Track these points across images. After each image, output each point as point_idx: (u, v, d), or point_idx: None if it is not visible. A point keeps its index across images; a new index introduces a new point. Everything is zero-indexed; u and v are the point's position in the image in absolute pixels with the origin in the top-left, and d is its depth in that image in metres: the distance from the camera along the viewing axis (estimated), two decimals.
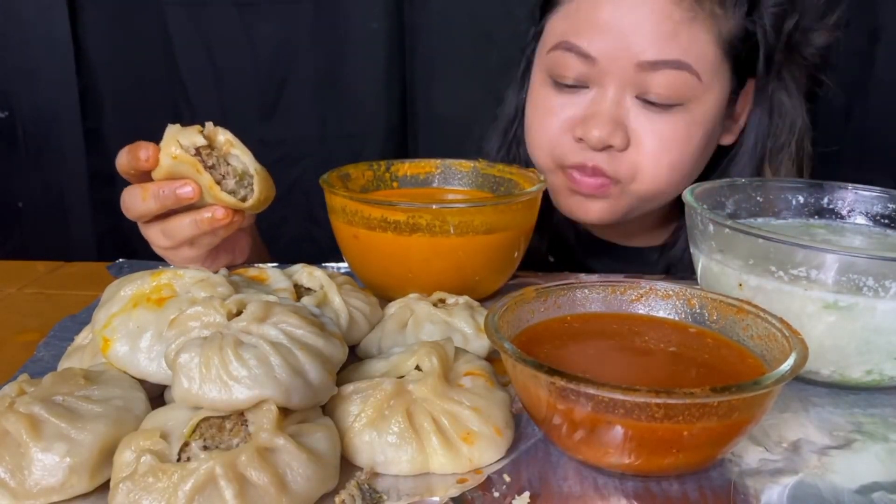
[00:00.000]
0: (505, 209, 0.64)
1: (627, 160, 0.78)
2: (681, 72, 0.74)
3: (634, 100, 0.77)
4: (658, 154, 0.77)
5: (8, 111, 1.38)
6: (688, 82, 0.75)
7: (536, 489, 0.42)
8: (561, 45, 0.78)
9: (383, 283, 0.67)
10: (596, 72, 0.76)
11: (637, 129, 0.77)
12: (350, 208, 0.64)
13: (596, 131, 0.76)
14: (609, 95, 0.77)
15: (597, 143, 0.76)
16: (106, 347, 0.47)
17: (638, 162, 0.78)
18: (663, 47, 0.74)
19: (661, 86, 0.75)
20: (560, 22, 0.80)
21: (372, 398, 0.45)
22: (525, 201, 0.65)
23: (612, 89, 0.76)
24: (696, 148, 0.78)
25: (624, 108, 0.77)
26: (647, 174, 0.78)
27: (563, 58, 0.78)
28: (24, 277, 0.76)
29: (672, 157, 0.78)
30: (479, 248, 0.63)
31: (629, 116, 0.77)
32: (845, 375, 0.54)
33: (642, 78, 0.75)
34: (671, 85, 0.75)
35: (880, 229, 0.67)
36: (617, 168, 0.78)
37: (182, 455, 0.39)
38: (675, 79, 0.74)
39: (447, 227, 0.61)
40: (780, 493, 0.43)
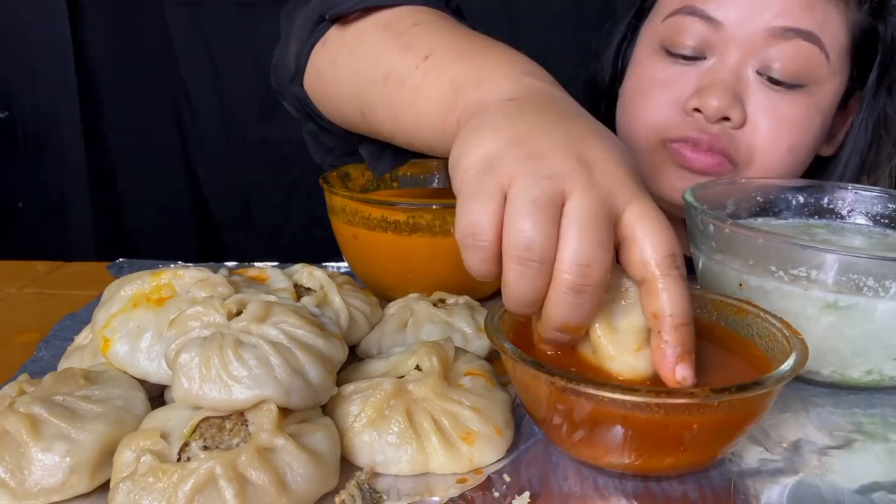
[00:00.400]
0: None
1: (745, 140, 0.71)
2: (812, 45, 0.69)
3: (756, 75, 0.71)
4: (777, 136, 0.71)
5: (8, 111, 1.38)
6: (816, 59, 0.70)
7: (536, 489, 0.42)
8: (683, 9, 0.72)
9: (383, 283, 0.67)
10: (719, 39, 0.71)
11: (756, 109, 0.71)
12: (350, 208, 0.64)
13: (714, 100, 0.69)
14: (730, 65, 0.71)
15: (714, 112, 0.70)
16: (106, 347, 0.47)
17: (754, 143, 0.71)
18: (798, 16, 0.69)
19: (789, 58, 0.69)
20: None
21: (372, 398, 0.45)
22: None
23: (733, 58, 0.71)
24: (813, 136, 0.73)
25: (745, 80, 0.71)
26: (764, 157, 0.72)
27: (683, 23, 0.72)
28: (24, 277, 0.76)
29: (791, 141, 0.72)
30: None
31: (748, 91, 0.71)
32: (845, 375, 0.54)
33: (769, 47, 0.70)
34: (799, 58, 0.69)
35: (880, 229, 0.67)
36: (736, 147, 0.72)
37: (182, 455, 0.39)
38: (805, 52, 0.69)
39: (447, 227, 0.61)
40: (780, 493, 0.43)
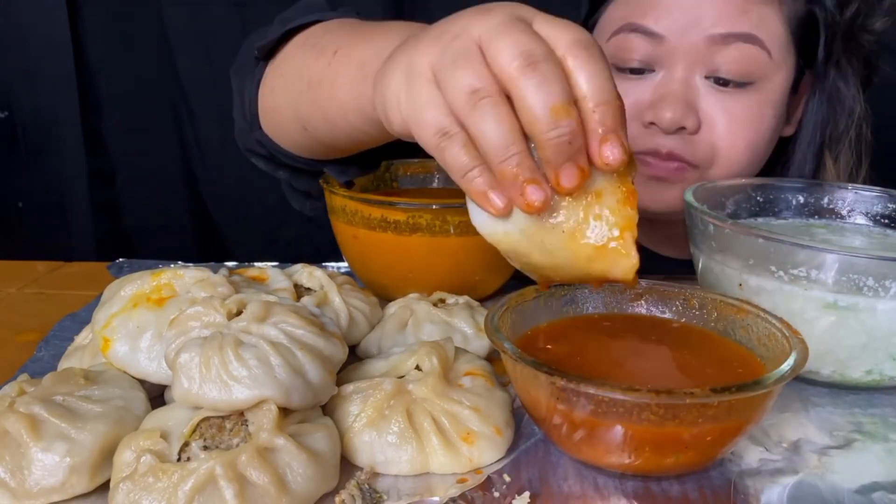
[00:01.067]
0: None
1: (703, 143, 0.75)
2: (752, 46, 0.72)
3: (704, 80, 0.74)
4: (733, 134, 0.74)
5: (8, 111, 1.38)
6: (759, 58, 0.73)
7: (536, 489, 0.42)
8: (624, 27, 0.75)
9: (383, 282, 0.67)
10: (663, 51, 0.74)
11: (708, 111, 0.74)
12: (350, 208, 0.64)
13: (668, 113, 0.72)
14: (678, 76, 0.74)
15: (669, 124, 0.73)
16: (106, 347, 0.47)
17: (713, 144, 0.75)
18: (735, 20, 0.72)
19: (733, 61, 0.72)
20: (619, 8, 0.77)
21: (372, 398, 0.45)
22: None
23: (680, 69, 0.74)
24: (768, 129, 0.76)
25: (694, 88, 0.74)
26: (725, 156, 0.75)
27: (627, 40, 0.75)
28: (24, 277, 0.76)
29: (748, 137, 0.75)
30: (479, 248, 0.63)
31: (699, 97, 0.74)
32: (845, 375, 0.54)
33: (712, 54, 0.72)
34: (742, 60, 0.72)
35: (880, 229, 0.67)
36: (694, 151, 0.75)
37: (182, 455, 0.39)
38: (747, 54, 0.72)
39: (447, 227, 0.61)
40: (780, 493, 0.43)
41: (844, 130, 0.80)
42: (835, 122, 0.80)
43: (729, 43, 0.72)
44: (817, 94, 0.79)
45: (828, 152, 0.80)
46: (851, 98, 0.79)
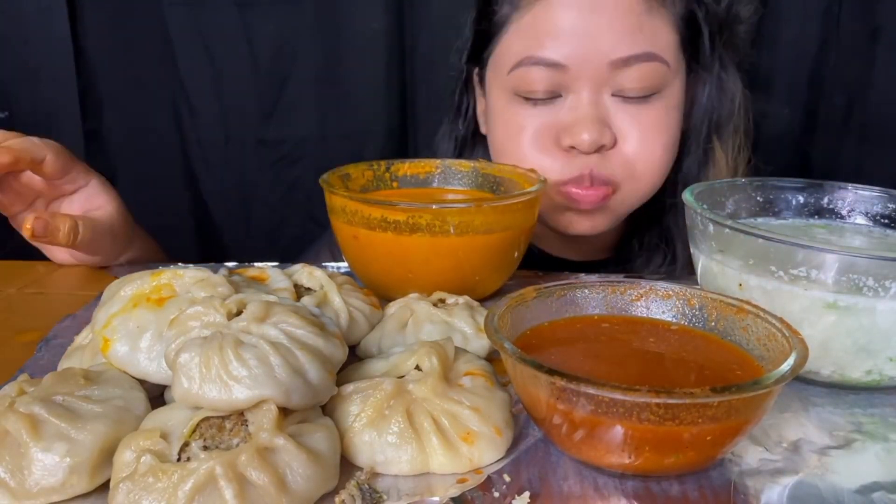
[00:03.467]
0: (505, 209, 0.64)
1: (620, 157, 0.78)
2: (653, 63, 0.76)
3: (611, 98, 0.77)
4: (648, 143, 0.78)
5: (8, 111, 1.38)
6: (659, 71, 0.76)
7: (536, 489, 0.42)
8: (525, 61, 0.77)
9: (383, 282, 0.67)
10: (568, 78, 0.76)
11: (621, 126, 0.77)
12: (350, 208, 0.64)
13: (586, 134, 0.75)
14: (586, 98, 0.77)
15: (589, 145, 0.76)
16: (106, 347, 0.47)
17: (630, 156, 0.78)
18: (632, 42, 0.75)
19: (636, 80, 0.75)
20: (515, 41, 0.79)
21: (372, 398, 0.45)
22: (525, 201, 0.65)
23: (587, 92, 0.77)
24: (675, 131, 0.81)
25: (603, 107, 0.77)
26: (643, 165, 0.79)
27: (529, 73, 0.77)
28: (24, 277, 0.76)
29: (663, 142, 0.79)
30: (479, 248, 0.63)
31: (610, 114, 0.77)
32: (845, 375, 0.54)
33: (616, 76, 0.75)
34: (645, 77, 0.76)
35: (880, 229, 0.67)
36: (613, 168, 0.78)
37: (182, 455, 0.39)
38: (649, 71, 0.76)
39: (447, 227, 0.61)
40: (780, 493, 0.43)
41: (729, 115, 0.85)
42: (720, 107, 0.84)
43: (630, 64, 0.75)
44: (706, 86, 0.84)
45: (716, 136, 0.85)
46: (733, 85, 0.84)
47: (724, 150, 0.86)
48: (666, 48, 0.77)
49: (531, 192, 0.66)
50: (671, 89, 0.79)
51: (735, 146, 0.86)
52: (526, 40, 0.78)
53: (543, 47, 0.76)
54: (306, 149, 1.42)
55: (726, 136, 0.86)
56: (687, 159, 0.86)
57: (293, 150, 1.43)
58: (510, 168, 0.75)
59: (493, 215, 0.63)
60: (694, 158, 0.86)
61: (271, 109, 1.42)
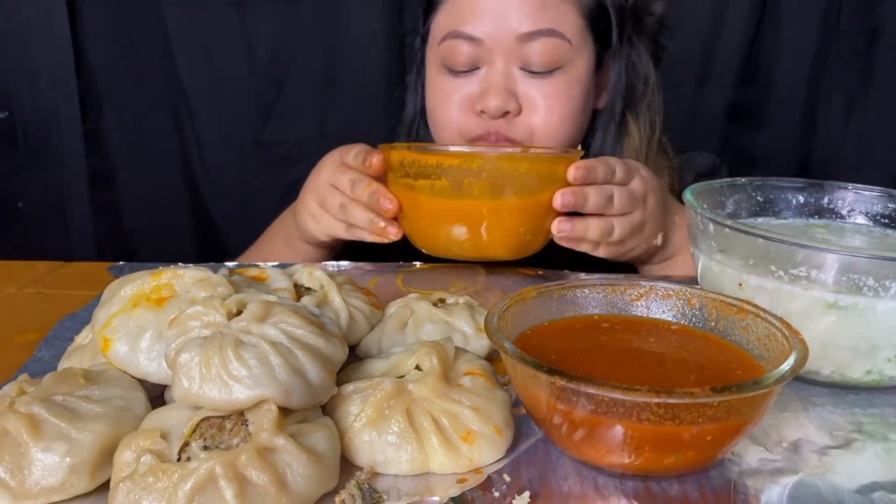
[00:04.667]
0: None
1: (523, 122, 0.88)
2: (554, 38, 0.86)
3: (519, 71, 0.87)
4: (548, 111, 0.88)
5: (8, 111, 1.38)
6: (560, 47, 0.86)
7: (536, 489, 0.42)
8: (449, 35, 0.88)
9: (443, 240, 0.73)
10: (483, 51, 0.87)
11: (525, 94, 0.87)
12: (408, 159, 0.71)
13: (493, 101, 0.86)
14: (498, 69, 0.87)
15: (495, 111, 0.86)
16: (106, 347, 0.47)
17: (532, 122, 0.88)
18: (536, 19, 0.85)
19: (540, 53, 0.86)
20: (444, 18, 0.90)
21: (372, 398, 0.45)
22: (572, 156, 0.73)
23: (499, 64, 0.87)
24: (577, 103, 0.90)
25: (512, 78, 0.87)
26: (542, 131, 0.89)
27: (453, 46, 0.88)
28: (24, 277, 0.76)
29: (561, 112, 0.89)
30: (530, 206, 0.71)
31: (517, 85, 0.87)
32: (845, 375, 0.54)
33: (523, 49, 0.86)
34: (548, 51, 0.86)
35: (880, 229, 0.67)
36: (517, 132, 0.88)
37: (182, 455, 0.39)
38: (551, 45, 0.86)
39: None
40: (780, 493, 0.43)
41: (641, 95, 0.96)
42: (632, 88, 0.95)
43: (535, 38, 0.85)
44: (616, 67, 0.94)
45: (629, 113, 0.96)
46: (645, 68, 0.95)
47: (637, 126, 0.96)
48: (569, 28, 0.87)
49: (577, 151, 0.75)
50: (574, 66, 0.89)
51: (646, 122, 0.96)
52: (452, 17, 0.89)
53: (465, 23, 0.87)
54: (305, 150, 1.42)
55: (638, 113, 0.96)
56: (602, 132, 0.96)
57: (292, 151, 1.43)
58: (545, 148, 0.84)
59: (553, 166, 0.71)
60: (609, 132, 0.96)
61: (270, 110, 1.42)
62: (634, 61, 0.95)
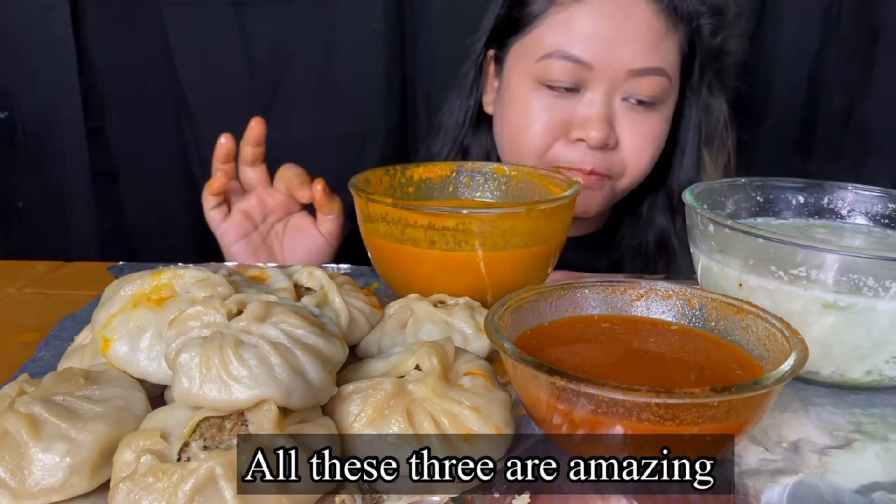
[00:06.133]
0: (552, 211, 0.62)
1: (617, 157, 0.88)
2: (661, 77, 0.86)
3: (621, 101, 0.87)
4: (641, 150, 0.89)
5: (8, 111, 1.38)
6: (664, 86, 0.87)
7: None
8: (555, 53, 0.86)
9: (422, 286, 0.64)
10: (590, 76, 0.85)
11: (622, 129, 0.87)
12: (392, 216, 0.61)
13: (595, 133, 0.84)
14: (601, 98, 0.86)
15: (597, 143, 0.85)
16: (106, 347, 0.47)
17: (624, 159, 0.89)
18: (649, 56, 0.85)
19: (646, 89, 0.86)
20: (549, 33, 0.87)
21: (372, 398, 0.45)
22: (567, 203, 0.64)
23: (602, 93, 0.86)
24: (662, 142, 0.92)
25: (613, 109, 0.87)
26: (632, 168, 0.89)
27: (557, 65, 0.86)
28: (24, 277, 0.76)
29: (651, 151, 0.90)
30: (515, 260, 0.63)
31: (616, 117, 0.87)
32: (845, 375, 0.54)
33: (630, 82, 0.85)
34: (653, 88, 0.86)
35: (880, 229, 0.67)
36: (611, 166, 0.88)
37: (182, 455, 0.39)
38: (657, 84, 0.86)
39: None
40: (780, 493, 0.43)
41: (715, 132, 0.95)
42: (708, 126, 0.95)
43: (644, 75, 0.85)
44: (693, 106, 0.94)
45: (706, 149, 0.96)
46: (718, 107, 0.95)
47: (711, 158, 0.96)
48: (671, 67, 0.87)
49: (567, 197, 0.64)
50: (667, 104, 0.90)
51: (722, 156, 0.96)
52: (559, 35, 0.86)
53: (574, 45, 0.85)
54: (304, 150, 1.42)
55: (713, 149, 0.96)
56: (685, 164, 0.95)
57: (291, 151, 1.43)
58: (530, 169, 0.74)
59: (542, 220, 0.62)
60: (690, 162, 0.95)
61: (269, 110, 1.41)
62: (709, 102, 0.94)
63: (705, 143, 0.95)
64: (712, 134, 0.95)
